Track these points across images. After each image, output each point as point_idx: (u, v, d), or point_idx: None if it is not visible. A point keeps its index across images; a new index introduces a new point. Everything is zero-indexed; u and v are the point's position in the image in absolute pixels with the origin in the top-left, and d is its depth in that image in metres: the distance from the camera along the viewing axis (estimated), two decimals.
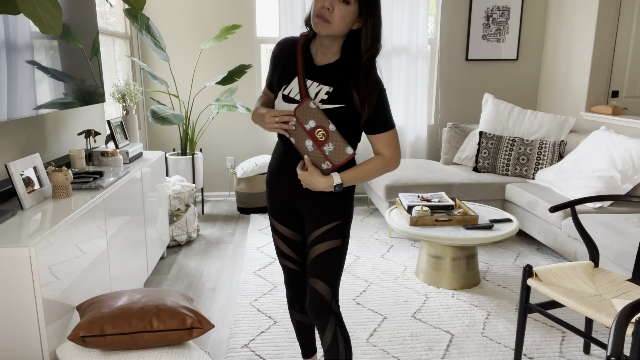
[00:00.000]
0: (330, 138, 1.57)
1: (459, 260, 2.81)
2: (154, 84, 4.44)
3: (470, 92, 4.81)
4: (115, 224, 2.27)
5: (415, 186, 3.65)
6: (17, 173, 1.89)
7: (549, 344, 2.29)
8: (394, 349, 2.25)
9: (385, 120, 1.54)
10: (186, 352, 1.57)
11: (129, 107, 3.25)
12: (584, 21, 4.11)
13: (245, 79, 4.51)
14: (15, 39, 1.90)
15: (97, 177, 2.34)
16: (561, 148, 3.78)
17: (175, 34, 4.36)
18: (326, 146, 1.57)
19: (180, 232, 3.51)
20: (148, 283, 2.93)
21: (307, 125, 1.57)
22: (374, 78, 1.50)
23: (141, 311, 1.54)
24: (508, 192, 3.66)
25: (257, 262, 3.21)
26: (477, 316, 2.54)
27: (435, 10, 4.65)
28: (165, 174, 3.26)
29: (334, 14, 1.43)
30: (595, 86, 4.09)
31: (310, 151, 1.58)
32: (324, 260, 1.59)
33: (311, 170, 1.54)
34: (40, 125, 2.44)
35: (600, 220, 2.77)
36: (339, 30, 1.46)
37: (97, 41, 2.71)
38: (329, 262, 1.60)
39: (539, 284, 1.94)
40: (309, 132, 1.56)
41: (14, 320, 1.56)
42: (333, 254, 1.59)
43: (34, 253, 1.52)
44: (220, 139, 4.62)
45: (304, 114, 1.56)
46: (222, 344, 2.30)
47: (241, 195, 4.27)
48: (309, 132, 1.56)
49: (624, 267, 2.52)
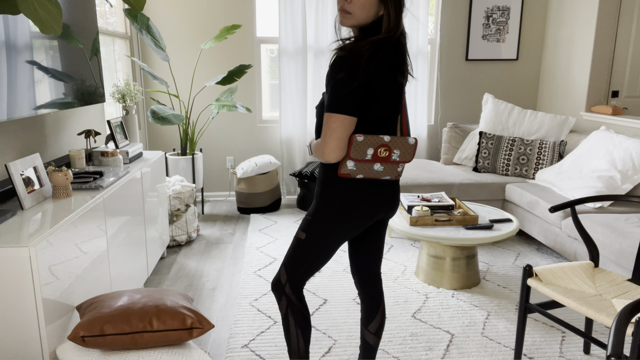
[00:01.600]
0: (392, 146, 1.53)
1: (459, 260, 2.81)
2: (154, 84, 4.44)
3: (470, 92, 4.81)
4: (115, 224, 2.27)
5: (415, 186, 3.65)
6: (17, 173, 1.89)
7: (549, 344, 2.29)
8: (394, 349, 2.25)
9: (328, 101, 1.47)
10: (186, 352, 1.57)
11: (129, 107, 3.25)
12: (584, 21, 4.11)
13: (245, 79, 4.51)
14: (15, 39, 1.90)
15: (97, 177, 2.34)
16: (561, 148, 3.78)
17: (175, 34, 4.36)
18: (394, 155, 1.55)
19: (180, 232, 3.51)
20: (148, 283, 2.93)
21: (367, 157, 1.52)
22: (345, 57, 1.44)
23: (141, 311, 1.54)
24: (508, 192, 3.66)
25: (257, 262, 3.21)
26: (477, 316, 2.54)
27: (435, 10, 4.65)
28: (165, 174, 3.26)
29: (352, 4, 1.46)
30: (595, 86, 4.10)
31: (382, 170, 1.55)
32: (290, 244, 1.70)
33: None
34: (40, 125, 2.44)
35: (600, 220, 2.77)
36: (360, 19, 1.48)
37: (97, 41, 2.71)
38: (290, 248, 1.69)
39: (539, 284, 1.94)
40: (372, 160, 1.53)
41: (14, 320, 1.56)
42: (295, 243, 1.67)
43: (34, 253, 1.52)
44: (220, 139, 4.62)
45: (358, 151, 1.50)
46: (222, 344, 2.30)
47: (241, 195, 4.27)
48: (372, 160, 1.53)
49: (624, 267, 2.52)
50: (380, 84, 1.48)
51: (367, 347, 1.89)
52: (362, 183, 1.58)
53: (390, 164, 1.55)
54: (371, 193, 1.59)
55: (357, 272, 1.83)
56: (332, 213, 1.59)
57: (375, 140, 1.50)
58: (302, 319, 1.73)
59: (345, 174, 1.54)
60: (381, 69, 1.46)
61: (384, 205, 1.64)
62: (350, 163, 1.52)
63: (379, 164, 1.54)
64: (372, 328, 1.84)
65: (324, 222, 1.60)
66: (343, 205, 1.58)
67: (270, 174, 4.29)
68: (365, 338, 1.87)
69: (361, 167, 1.53)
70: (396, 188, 1.67)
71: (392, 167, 1.56)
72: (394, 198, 1.67)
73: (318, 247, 1.64)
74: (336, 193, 1.58)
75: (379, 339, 1.88)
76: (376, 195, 1.60)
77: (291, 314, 1.72)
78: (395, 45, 1.49)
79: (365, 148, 1.50)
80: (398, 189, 1.68)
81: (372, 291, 1.83)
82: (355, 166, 1.53)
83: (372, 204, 1.60)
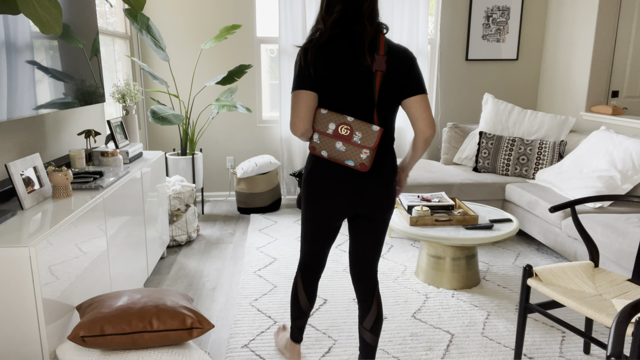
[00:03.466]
0: (353, 127, 1.63)
1: (459, 260, 2.81)
2: (154, 84, 4.44)
3: (470, 92, 4.81)
4: (115, 224, 2.27)
5: (415, 186, 3.65)
6: (17, 173, 1.89)
7: (549, 344, 2.29)
8: (394, 349, 2.25)
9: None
10: (186, 352, 1.57)
11: (129, 107, 3.25)
12: (584, 21, 4.11)
13: (245, 79, 4.51)
14: (15, 39, 1.90)
15: (97, 177, 2.34)
16: (561, 148, 3.78)
17: (175, 34, 4.36)
18: (355, 136, 1.63)
19: (180, 232, 3.51)
20: (148, 283, 2.93)
21: (328, 130, 1.65)
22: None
23: (141, 311, 1.54)
24: (508, 192, 3.66)
25: (257, 262, 3.21)
26: (477, 316, 2.54)
27: (435, 10, 4.65)
28: (165, 174, 3.26)
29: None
30: (595, 86, 4.09)
31: (344, 151, 1.64)
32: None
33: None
34: (40, 125, 2.44)
35: (600, 220, 2.77)
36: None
37: (97, 41, 2.71)
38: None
39: (539, 284, 1.94)
40: (334, 135, 1.65)
41: (14, 320, 1.56)
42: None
43: (34, 253, 1.52)
44: (220, 139, 4.62)
45: (321, 123, 1.67)
46: (222, 344, 2.30)
47: (241, 195, 4.27)
48: (334, 135, 1.65)
49: (624, 267, 2.52)
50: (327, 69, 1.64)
51: (365, 346, 1.92)
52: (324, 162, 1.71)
53: (351, 145, 1.64)
54: (332, 181, 1.71)
55: (350, 268, 1.93)
56: (304, 196, 1.80)
57: (338, 117, 1.65)
58: (295, 301, 2.00)
59: (312, 146, 1.69)
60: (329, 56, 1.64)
61: (354, 200, 1.73)
62: (315, 135, 1.68)
63: (340, 143, 1.65)
64: (367, 324, 1.89)
65: (303, 204, 1.83)
66: (308, 190, 1.77)
67: (270, 174, 4.29)
68: (362, 336, 1.92)
69: (324, 141, 1.67)
70: (374, 182, 1.72)
71: (355, 150, 1.64)
72: (372, 193, 1.73)
73: (304, 228, 1.86)
74: (306, 177, 1.77)
75: (375, 337, 1.90)
76: (338, 186, 1.71)
77: (292, 290, 2.02)
78: (349, 35, 1.64)
79: (327, 122, 1.65)
80: (380, 184, 1.73)
81: (363, 287, 1.91)
82: (319, 139, 1.67)
83: (333, 194, 1.72)
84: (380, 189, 1.73)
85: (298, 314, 2.02)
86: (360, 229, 1.83)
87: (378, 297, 1.90)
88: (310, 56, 1.63)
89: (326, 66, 1.63)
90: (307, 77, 1.64)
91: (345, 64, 1.63)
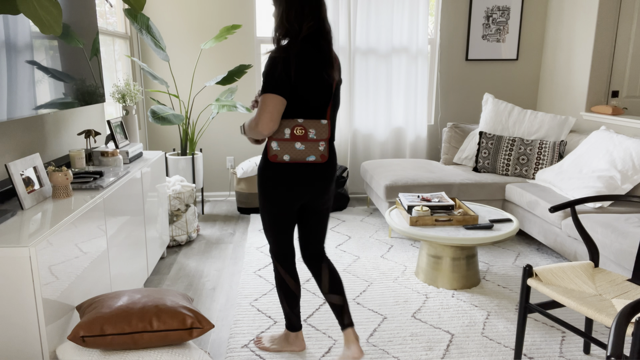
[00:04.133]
0: (306, 126, 1.81)
1: (459, 260, 2.81)
2: (154, 84, 4.44)
3: (470, 92, 4.81)
4: (115, 224, 2.27)
5: (415, 186, 3.65)
6: (17, 173, 1.89)
7: (549, 344, 2.29)
8: (394, 349, 2.25)
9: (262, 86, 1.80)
10: (186, 352, 1.57)
11: (129, 107, 3.25)
12: (584, 21, 4.11)
13: (245, 79, 4.51)
14: (15, 39, 1.90)
15: (97, 177, 2.34)
16: (561, 148, 3.78)
17: (175, 34, 4.36)
18: (310, 133, 1.81)
19: (180, 232, 3.51)
20: (148, 283, 2.93)
21: (286, 136, 1.81)
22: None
23: (141, 311, 1.54)
24: (508, 192, 3.66)
25: (257, 262, 3.21)
26: (477, 316, 2.54)
27: (435, 10, 4.65)
28: (165, 174, 3.26)
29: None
30: (595, 86, 4.10)
31: (304, 149, 1.81)
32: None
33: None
34: (40, 125, 2.44)
35: (600, 220, 2.77)
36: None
37: (97, 41, 2.72)
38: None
39: (539, 284, 1.94)
40: (291, 138, 1.81)
41: (14, 320, 1.56)
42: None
43: (34, 253, 1.52)
44: (220, 139, 4.62)
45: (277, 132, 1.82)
46: (222, 344, 2.30)
47: (241, 195, 4.27)
48: (291, 138, 1.81)
49: (624, 267, 2.52)
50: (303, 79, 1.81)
51: (335, 308, 2.07)
52: (285, 167, 1.86)
53: (309, 142, 1.82)
54: (290, 176, 1.87)
55: (300, 251, 2.13)
56: (262, 192, 1.93)
57: (290, 122, 1.82)
58: (284, 287, 2.09)
59: (273, 155, 1.83)
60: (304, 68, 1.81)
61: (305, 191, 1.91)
62: (274, 144, 1.82)
63: (299, 143, 1.82)
64: (325, 287, 2.07)
65: (261, 200, 1.96)
66: (267, 187, 1.91)
67: None
68: (329, 301, 2.08)
69: (284, 146, 1.82)
70: (323, 172, 1.90)
71: (313, 145, 1.83)
72: (320, 183, 1.93)
73: (266, 221, 1.99)
74: (263, 175, 1.91)
75: (340, 295, 2.05)
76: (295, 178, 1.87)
77: (276, 279, 2.11)
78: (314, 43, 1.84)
79: (282, 128, 1.81)
80: (326, 174, 1.92)
81: (312, 262, 2.11)
82: (279, 146, 1.82)
83: (289, 187, 1.89)
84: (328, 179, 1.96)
85: (291, 299, 2.12)
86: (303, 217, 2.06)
87: (326, 260, 2.10)
88: (292, 67, 1.79)
89: (302, 77, 1.81)
90: (286, 85, 1.78)
91: (317, 75, 1.83)
